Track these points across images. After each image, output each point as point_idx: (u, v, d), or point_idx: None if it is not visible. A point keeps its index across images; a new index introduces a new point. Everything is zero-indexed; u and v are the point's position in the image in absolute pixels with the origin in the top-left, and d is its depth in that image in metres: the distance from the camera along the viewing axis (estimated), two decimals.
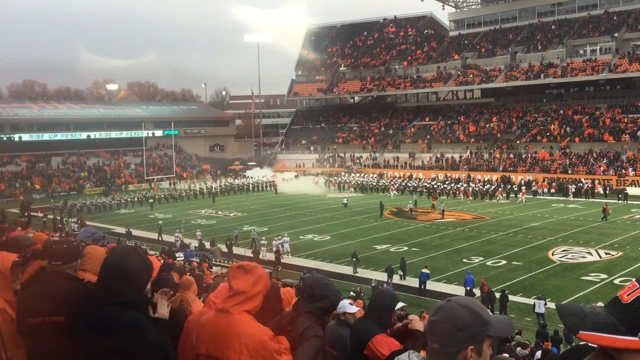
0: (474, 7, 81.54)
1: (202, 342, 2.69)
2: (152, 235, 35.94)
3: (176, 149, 71.27)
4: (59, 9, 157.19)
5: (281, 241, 28.94)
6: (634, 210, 38.48)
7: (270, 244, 29.55)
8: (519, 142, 59.75)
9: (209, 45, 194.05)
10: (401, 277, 23.89)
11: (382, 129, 74.67)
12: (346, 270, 25.75)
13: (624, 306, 1.36)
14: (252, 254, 28.65)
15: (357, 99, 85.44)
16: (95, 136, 70.48)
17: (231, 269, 2.87)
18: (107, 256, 2.79)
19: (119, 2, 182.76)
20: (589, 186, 46.49)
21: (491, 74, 67.66)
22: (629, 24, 63.68)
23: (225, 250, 29.64)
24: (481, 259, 26.79)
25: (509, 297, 19.62)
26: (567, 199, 45.23)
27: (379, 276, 23.93)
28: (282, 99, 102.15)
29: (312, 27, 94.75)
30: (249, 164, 73.99)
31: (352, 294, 18.64)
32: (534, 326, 17.75)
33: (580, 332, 1.36)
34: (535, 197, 46.48)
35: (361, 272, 25.45)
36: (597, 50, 62.55)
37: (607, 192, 45.45)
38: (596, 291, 21.18)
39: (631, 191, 44.39)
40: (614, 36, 62.20)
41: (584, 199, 44.59)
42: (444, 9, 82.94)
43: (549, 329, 16.72)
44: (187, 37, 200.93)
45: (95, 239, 6.40)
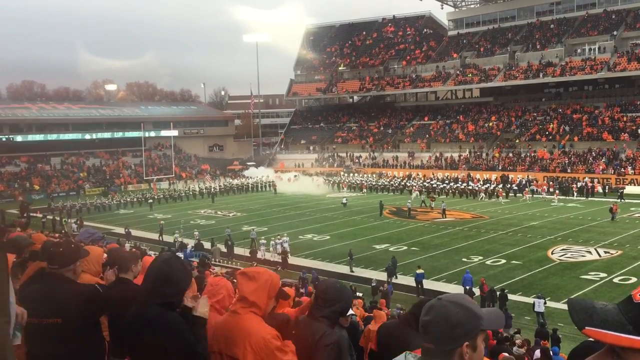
0: (472, 6, 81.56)
1: (214, 341, 2.91)
2: (151, 235, 35.93)
3: (175, 149, 71.21)
4: (58, 10, 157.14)
5: (280, 241, 28.92)
6: (633, 208, 38.52)
7: (268, 244, 29.53)
8: (518, 141, 59.76)
9: (207, 45, 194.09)
10: (395, 276, 23.85)
11: (381, 128, 74.67)
12: (346, 269, 25.82)
13: (634, 305, 1.36)
14: (249, 254, 28.67)
15: (356, 98, 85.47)
16: (94, 137, 70.35)
17: (237, 275, 3.08)
18: (152, 261, 3.05)
19: (118, 3, 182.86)
20: (590, 185, 46.54)
21: (490, 73, 67.65)
22: (627, 23, 63.71)
23: (224, 250, 29.63)
24: (480, 258, 26.80)
25: (508, 296, 19.62)
26: (567, 197, 45.25)
27: (379, 276, 23.93)
28: (281, 99, 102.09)
29: (311, 27, 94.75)
30: (248, 164, 73.92)
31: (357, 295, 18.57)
32: (534, 325, 17.75)
33: (586, 327, 1.35)
34: (533, 195, 46.44)
35: (360, 271, 25.46)
36: (596, 49, 62.56)
37: (607, 190, 45.48)
38: (595, 290, 21.14)
39: (629, 190, 44.42)
40: (613, 35, 62.22)
41: (584, 198, 44.64)
42: (442, 9, 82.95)
43: (548, 327, 16.71)
44: (186, 37, 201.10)
45: (94, 240, 6.41)
